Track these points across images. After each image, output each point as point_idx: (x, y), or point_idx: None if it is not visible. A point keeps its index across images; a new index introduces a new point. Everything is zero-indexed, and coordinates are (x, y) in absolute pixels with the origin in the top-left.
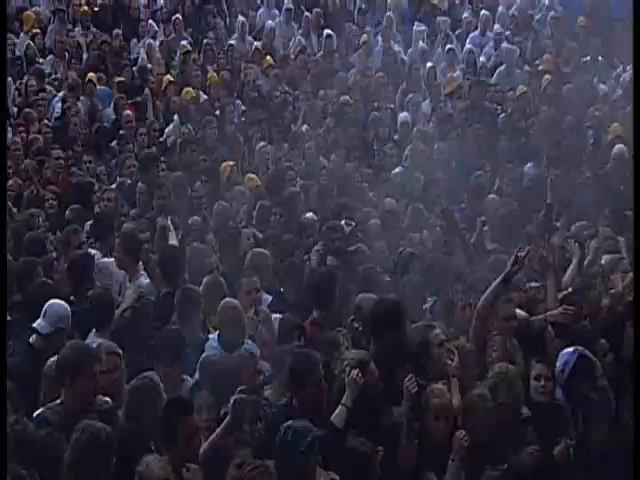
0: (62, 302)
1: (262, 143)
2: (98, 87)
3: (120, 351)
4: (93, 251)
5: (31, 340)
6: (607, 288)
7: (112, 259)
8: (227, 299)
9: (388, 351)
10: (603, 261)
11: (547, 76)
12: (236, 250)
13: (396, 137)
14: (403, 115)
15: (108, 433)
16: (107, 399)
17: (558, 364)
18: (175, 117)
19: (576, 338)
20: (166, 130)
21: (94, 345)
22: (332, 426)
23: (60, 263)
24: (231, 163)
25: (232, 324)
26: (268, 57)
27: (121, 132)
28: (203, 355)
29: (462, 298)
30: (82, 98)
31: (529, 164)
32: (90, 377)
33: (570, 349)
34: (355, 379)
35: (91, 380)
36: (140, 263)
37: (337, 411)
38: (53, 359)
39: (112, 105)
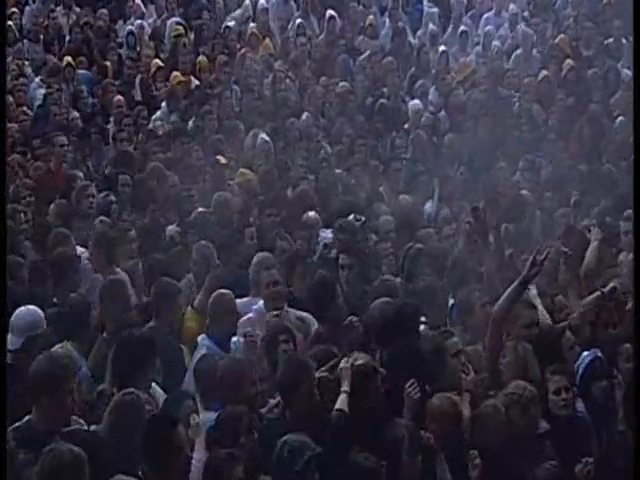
0: (31, 307)
1: (261, 134)
2: (79, 72)
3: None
4: (81, 249)
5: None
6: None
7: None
8: (220, 290)
9: (397, 358)
10: None
11: (568, 61)
12: (237, 251)
13: (406, 126)
14: (414, 103)
15: (76, 456)
16: (81, 421)
17: (575, 366)
18: (163, 104)
19: (598, 343)
20: (152, 118)
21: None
22: (332, 437)
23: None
24: (223, 160)
25: (225, 314)
26: (267, 41)
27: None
28: (198, 359)
29: (480, 297)
30: (63, 85)
31: (541, 154)
32: (65, 393)
33: (588, 352)
34: (346, 367)
35: (66, 397)
36: (114, 266)
37: (339, 400)
38: None
39: (97, 91)
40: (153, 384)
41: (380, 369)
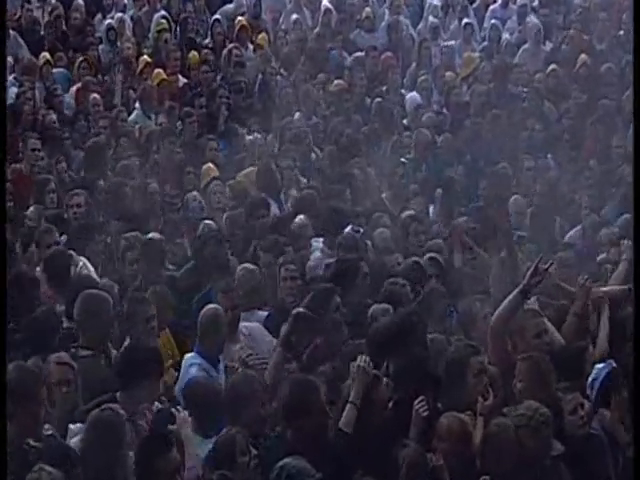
0: None
1: (249, 136)
2: (55, 70)
3: (73, 363)
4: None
5: None
6: None
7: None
8: (209, 305)
9: (404, 372)
10: None
11: (583, 56)
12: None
13: (405, 122)
14: (412, 96)
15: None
16: (51, 432)
17: (589, 380)
18: (136, 105)
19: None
20: (129, 119)
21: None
22: (334, 460)
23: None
24: (212, 166)
25: (214, 331)
26: (261, 35)
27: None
28: (189, 377)
29: (482, 307)
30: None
31: (550, 156)
32: (35, 403)
33: (603, 364)
34: (364, 368)
35: (37, 407)
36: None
37: (345, 412)
38: None
39: (72, 90)
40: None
41: (386, 380)
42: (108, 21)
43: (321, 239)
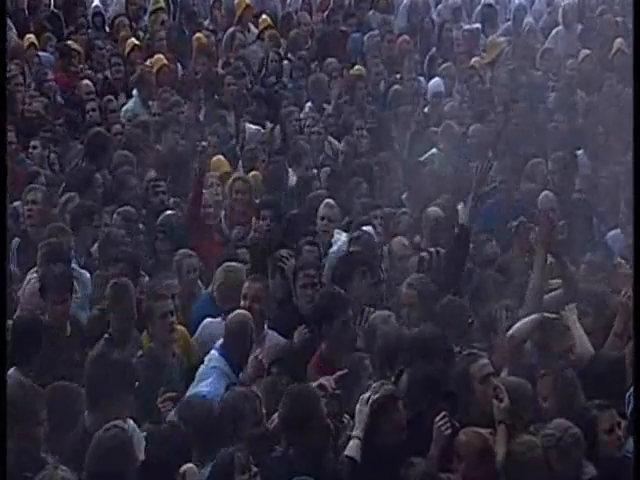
0: None
1: (254, 127)
2: (42, 54)
3: None
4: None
5: None
6: None
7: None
8: (238, 311)
9: (415, 387)
10: None
11: (619, 40)
12: None
13: (426, 110)
14: (435, 82)
15: None
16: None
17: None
18: (134, 92)
19: None
20: (123, 109)
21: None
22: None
23: None
24: (222, 158)
25: (241, 337)
26: (264, 16)
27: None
28: (184, 404)
29: (508, 316)
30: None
31: (581, 152)
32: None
33: None
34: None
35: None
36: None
37: (350, 444)
38: None
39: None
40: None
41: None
42: (95, 3)
43: (344, 233)
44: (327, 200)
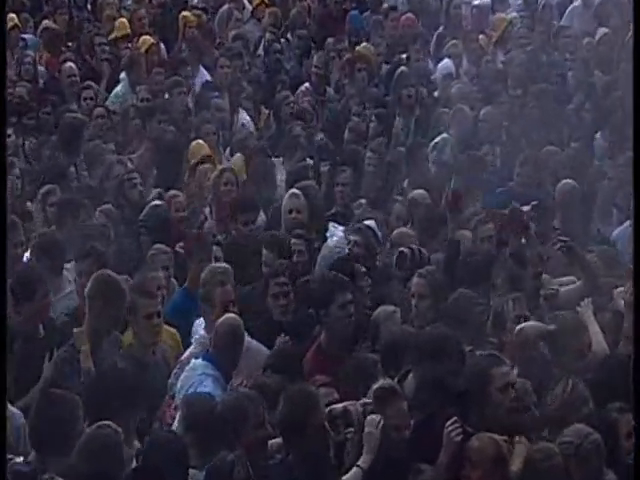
0: None
1: (246, 115)
2: (24, 36)
3: None
4: None
5: None
6: None
7: None
8: (229, 315)
9: (423, 389)
10: None
11: None
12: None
13: (436, 94)
14: (445, 64)
15: None
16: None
17: None
18: (122, 75)
19: None
20: (112, 94)
21: None
22: None
23: None
24: (202, 142)
25: (232, 343)
26: None
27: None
28: (202, 389)
29: (515, 308)
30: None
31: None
32: None
33: None
34: (373, 430)
35: None
36: (64, 275)
37: (350, 473)
38: None
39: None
40: None
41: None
42: None
43: (340, 227)
44: (292, 190)
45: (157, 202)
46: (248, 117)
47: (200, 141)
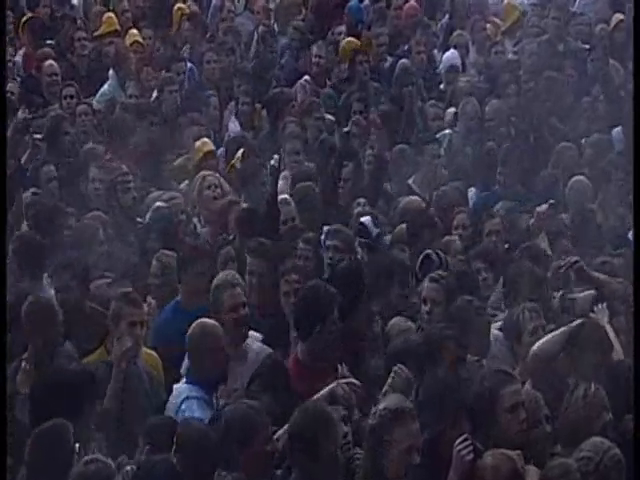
0: None
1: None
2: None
3: None
4: None
5: None
6: None
7: None
8: (202, 320)
9: (435, 402)
10: None
11: None
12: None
13: (442, 86)
14: (450, 55)
15: None
16: None
17: None
18: (110, 72)
19: None
20: (99, 92)
21: None
22: None
23: None
24: (207, 140)
25: (203, 352)
26: None
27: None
28: (187, 414)
29: (532, 317)
30: None
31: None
32: None
33: None
34: None
35: None
36: (45, 276)
37: None
38: None
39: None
40: None
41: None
42: None
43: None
44: (281, 196)
45: (160, 204)
46: (237, 121)
47: (205, 139)
